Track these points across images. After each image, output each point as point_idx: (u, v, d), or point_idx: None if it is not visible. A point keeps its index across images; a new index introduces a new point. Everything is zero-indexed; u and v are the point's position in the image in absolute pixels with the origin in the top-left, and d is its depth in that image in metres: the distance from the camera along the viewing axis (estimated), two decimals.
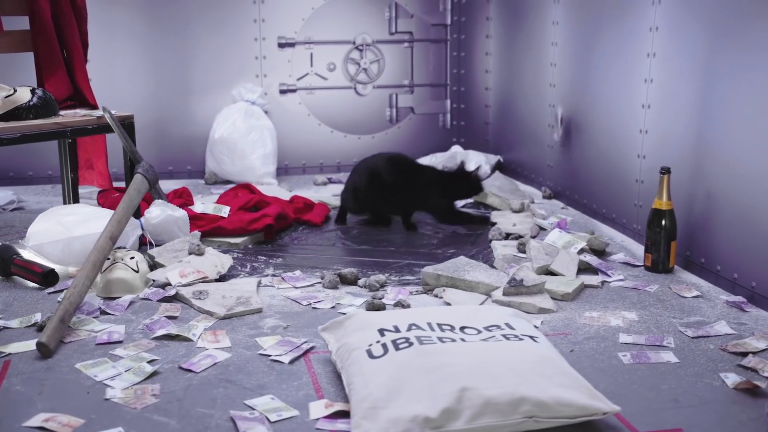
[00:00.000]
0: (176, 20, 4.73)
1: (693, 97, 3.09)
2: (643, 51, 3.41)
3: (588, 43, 3.90)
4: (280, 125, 4.92)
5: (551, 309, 2.73)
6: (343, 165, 5.06)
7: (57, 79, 3.53)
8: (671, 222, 3.10)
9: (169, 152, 4.87)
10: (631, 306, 2.79)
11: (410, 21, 5.02)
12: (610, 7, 3.69)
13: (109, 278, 2.88)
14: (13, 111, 3.23)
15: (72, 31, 3.56)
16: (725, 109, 2.91)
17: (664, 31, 3.27)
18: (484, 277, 2.92)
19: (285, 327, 2.62)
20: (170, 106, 4.82)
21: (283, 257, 3.35)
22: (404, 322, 2.24)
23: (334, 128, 5.05)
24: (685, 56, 3.14)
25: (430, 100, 5.15)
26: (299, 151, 5.02)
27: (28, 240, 3.12)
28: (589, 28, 3.90)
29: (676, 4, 3.19)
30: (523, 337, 2.18)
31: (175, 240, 3.28)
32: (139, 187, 3.26)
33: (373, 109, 5.08)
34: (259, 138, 4.69)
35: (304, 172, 5.04)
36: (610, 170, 3.75)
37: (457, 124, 5.20)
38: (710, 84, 2.98)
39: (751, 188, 2.77)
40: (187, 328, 2.57)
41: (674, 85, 3.22)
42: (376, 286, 2.96)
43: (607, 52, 3.73)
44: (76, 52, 3.59)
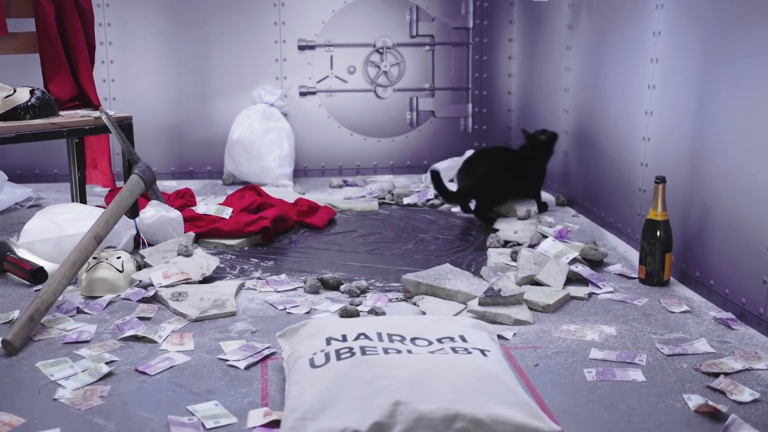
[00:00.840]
0: (197, 23, 4.74)
1: (690, 103, 2.95)
2: (646, 56, 3.29)
3: (597, 48, 3.78)
4: (299, 127, 4.90)
5: (528, 321, 2.63)
6: (362, 168, 5.01)
7: (61, 80, 3.56)
8: (666, 233, 2.97)
9: (190, 153, 4.89)
10: (613, 320, 2.67)
11: (431, 24, 4.95)
12: (618, 10, 3.57)
13: (92, 278, 2.88)
14: (12, 111, 3.26)
15: (76, 33, 3.59)
16: (720, 117, 2.77)
17: (666, 35, 3.14)
18: (465, 286, 2.83)
19: (253, 331, 2.58)
20: (191, 107, 4.84)
21: (276, 260, 3.32)
22: (354, 332, 2.18)
23: (354, 131, 5.01)
24: (683, 62, 3.01)
25: (451, 104, 5.07)
26: (319, 154, 4.99)
27: (22, 237, 3.15)
28: (598, 31, 3.78)
29: (677, 8, 3.06)
30: (472, 350, 2.10)
31: (168, 240, 3.27)
32: (134, 187, 3.26)
33: (393, 112, 5.02)
34: (276, 140, 4.67)
35: (323, 175, 5.00)
36: (615, 178, 3.62)
37: (478, 128, 5.11)
38: (707, 90, 2.84)
39: (744, 200, 2.64)
40: (154, 330, 2.55)
41: (674, 91, 3.09)
42: (356, 292, 2.90)
43: (614, 57, 3.61)
44: (81, 53, 3.62)
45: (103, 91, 4.70)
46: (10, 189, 4.17)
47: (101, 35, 4.65)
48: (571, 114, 4.12)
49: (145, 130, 4.79)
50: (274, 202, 3.85)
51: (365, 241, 3.61)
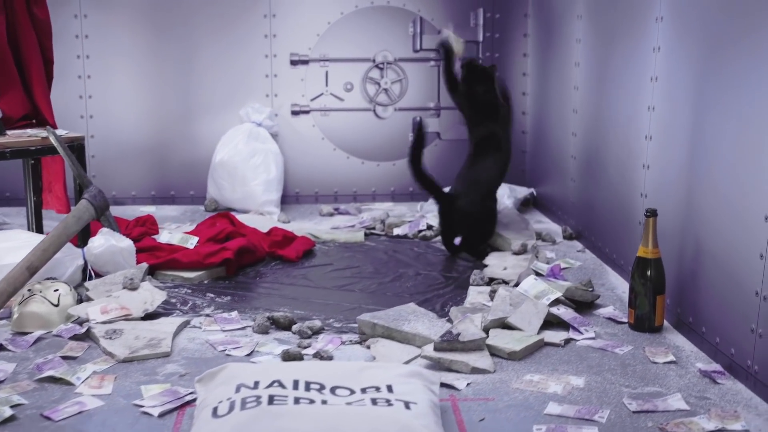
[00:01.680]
0: (182, 36, 4.80)
1: (686, 126, 2.89)
2: (647, 74, 3.23)
3: (602, 64, 3.74)
4: (290, 149, 4.92)
5: (487, 369, 2.58)
6: (359, 194, 5.00)
7: (11, 97, 3.62)
8: (658, 273, 2.89)
9: (172, 176, 4.93)
10: (585, 370, 2.61)
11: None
12: (620, 21, 3.53)
13: (23, 311, 2.90)
14: None
15: (30, 46, 3.65)
16: (713, 141, 2.70)
17: (666, 51, 3.08)
18: (424, 329, 2.79)
19: (182, 375, 2.57)
20: (174, 126, 4.89)
21: (233, 296, 3.31)
22: (269, 378, 2.16)
23: (351, 154, 5.00)
24: (680, 80, 2.95)
25: (459, 125, 5.02)
26: (312, 178, 4.99)
27: None
28: (603, 45, 3.73)
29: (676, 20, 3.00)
30: (395, 402, 2.06)
31: (117, 272, 3.29)
32: (81, 214, 3.29)
33: (394, 133, 5.01)
34: (263, 162, 4.69)
35: (317, 201, 5.00)
36: (617, 209, 3.56)
37: None
38: (701, 111, 2.78)
39: (734, 235, 2.56)
40: (73, 371, 2.55)
41: (671, 113, 3.03)
42: (307, 333, 2.88)
43: (617, 74, 3.56)
44: (35, 68, 3.67)
45: (79, 108, 4.78)
46: None
47: (78, 48, 4.73)
48: (579, 137, 4.07)
49: (124, 151, 4.86)
50: (246, 232, 3.86)
51: (339, 275, 3.59)
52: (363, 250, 3.98)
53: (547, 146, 4.65)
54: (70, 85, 4.75)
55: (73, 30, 4.72)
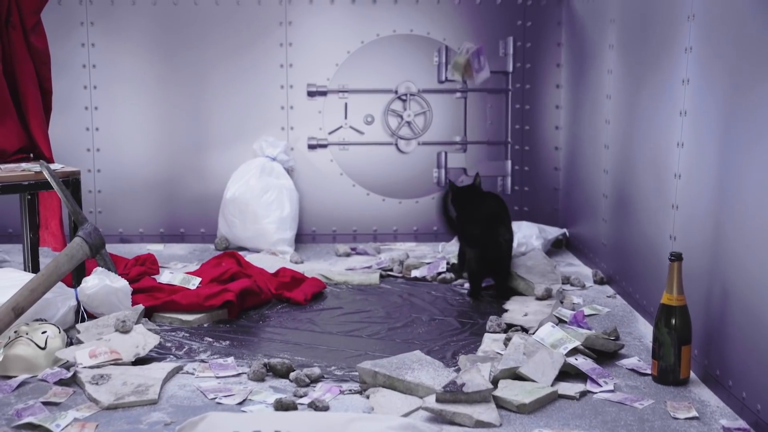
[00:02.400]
0: (192, 64, 4.88)
1: (714, 163, 2.88)
2: (675, 108, 3.23)
3: (632, 96, 3.74)
4: (307, 185, 4.96)
5: (492, 423, 2.57)
6: (380, 233, 5.03)
7: (6, 129, 3.70)
8: (683, 321, 2.87)
9: (181, 213, 4.99)
10: (599, 425, 2.59)
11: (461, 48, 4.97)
12: (648, 52, 3.53)
13: (7, 354, 2.96)
14: None
15: (27, 76, 3.73)
16: (742, 179, 2.69)
17: (695, 83, 3.08)
18: (428, 379, 2.79)
19: (167, 424, 2.59)
20: (184, 160, 4.96)
21: (233, 340, 3.34)
22: (248, 429, 2.18)
23: (371, 190, 5.04)
24: (709, 115, 2.94)
25: (487, 161, 5.06)
26: (329, 216, 5.03)
27: None
28: (632, 77, 3.74)
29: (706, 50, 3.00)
30: None
31: (111, 314, 3.34)
32: (74, 252, 3.35)
33: (417, 169, 5.03)
34: (276, 199, 4.73)
35: (334, 240, 5.03)
36: (647, 253, 3.54)
37: (519, 190, 5.07)
38: (730, 148, 2.77)
39: (759, 290, 2.54)
40: (53, 418, 2.59)
41: (699, 150, 3.02)
42: (305, 381, 2.89)
43: (646, 108, 3.56)
44: (31, 99, 3.76)
45: (85, 140, 4.87)
46: None
47: (85, 78, 4.83)
48: (610, 174, 4.06)
49: (131, 186, 4.93)
50: (252, 272, 3.89)
51: (347, 320, 3.61)
52: (377, 293, 3.99)
53: (579, 183, 4.64)
54: (77, 116, 4.86)
55: (80, 59, 4.83)
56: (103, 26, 4.83)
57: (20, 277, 3.39)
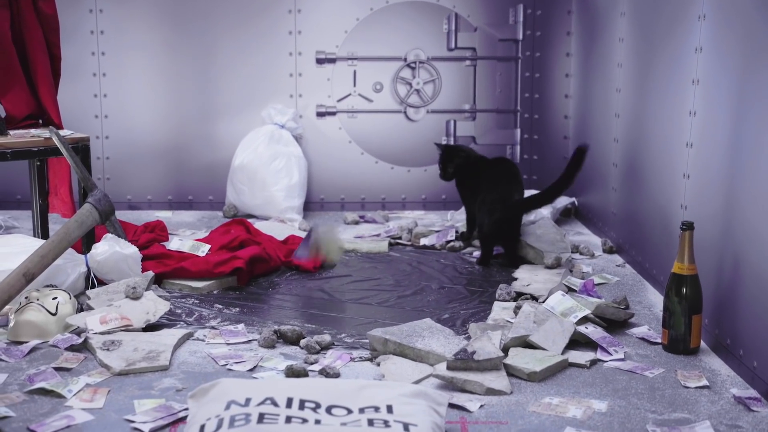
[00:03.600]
0: (200, 31, 4.85)
1: (727, 133, 2.86)
2: (688, 76, 3.21)
3: (644, 65, 3.72)
4: (315, 153, 4.95)
5: (503, 391, 2.57)
6: (388, 201, 5.02)
7: (15, 95, 3.68)
8: (694, 290, 2.87)
9: (190, 180, 4.98)
10: (610, 393, 2.59)
11: (473, 35, 4.94)
12: (661, 19, 3.50)
13: (18, 320, 2.96)
14: None
15: (36, 43, 3.71)
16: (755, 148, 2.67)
17: (708, 51, 3.06)
18: (439, 346, 2.79)
19: (179, 389, 2.60)
20: (192, 127, 4.95)
21: (243, 307, 3.34)
22: (262, 395, 2.18)
23: (380, 158, 5.03)
24: (723, 84, 2.92)
25: (496, 129, 5.04)
26: (338, 184, 5.02)
27: None
28: (644, 45, 3.71)
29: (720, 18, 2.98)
30: (393, 424, 2.07)
31: (121, 281, 3.34)
32: (84, 219, 3.34)
33: (426, 137, 5.01)
34: (284, 167, 4.72)
35: (343, 209, 5.02)
36: (657, 222, 3.53)
37: (528, 158, 5.05)
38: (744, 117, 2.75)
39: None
40: (65, 383, 2.60)
41: (713, 119, 3.00)
42: (315, 348, 2.89)
43: (659, 76, 3.54)
44: (41, 65, 3.73)
45: (93, 107, 4.86)
46: None
47: (93, 44, 4.81)
48: (621, 143, 4.05)
49: (140, 153, 4.92)
50: (261, 240, 3.89)
51: (357, 287, 3.61)
52: (386, 261, 3.99)
53: (589, 153, 4.61)
54: (85, 83, 4.84)
55: (87, 26, 4.80)
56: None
57: (30, 243, 3.39)
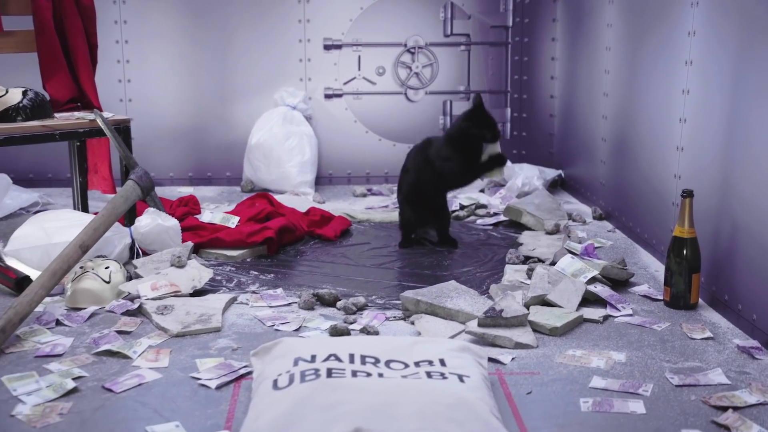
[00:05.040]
0: (217, 20, 4.81)
1: (723, 109, 2.88)
2: (681, 58, 3.22)
3: (634, 48, 3.72)
4: (324, 132, 4.93)
5: (530, 345, 2.59)
6: (390, 176, 5.01)
7: (58, 80, 3.64)
8: (693, 252, 2.90)
9: (208, 158, 4.95)
10: (626, 345, 2.62)
11: (467, 22, 4.93)
12: (653, 5, 3.51)
13: (76, 288, 2.94)
14: (3, 112, 3.35)
15: (76, 31, 3.66)
16: (752, 124, 2.69)
17: (701, 35, 3.07)
18: (467, 306, 2.81)
19: (234, 349, 2.59)
20: (210, 109, 4.91)
21: (277, 273, 3.33)
22: (325, 352, 2.18)
23: (383, 136, 5.01)
24: (717, 65, 2.94)
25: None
26: (344, 160, 5.01)
27: (9, 244, 3.22)
28: (635, 30, 3.72)
29: (712, 5, 2.99)
30: (449, 375, 2.08)
31: (164, 251, 3.32)
32: (128, 194, 3.31)
33: (425, 116, 5.01)
34: (297, 145, 4.70)
35: (349, 183, 5.01)
36: (650, 191, 3.56)
37: (518, 135, 5.06)
38: (740, 95, 2.77)
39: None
40: (130, 345, 2.58)
41: (707, 97, 3.02)
42: (352, 309, 2.90)
43: (650, 58, 3.54)
44: (81, 52, 3.69)
45: (117, 92, 4.80)
46: (16, 193, 4.28)
47: (116, 33, 4.74)
48: (610, 120, 4.06)
49: (161, 134, 4.87)
50: (285, 212, 3.88)
51: (377, 254, 3.61)
52: (398, 229, 3.98)
53: (575, 129, 4.64)
54: (110, 69, 4.77)
55: (112, 15, 4.73)
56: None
57: (77, 217, 3.36)
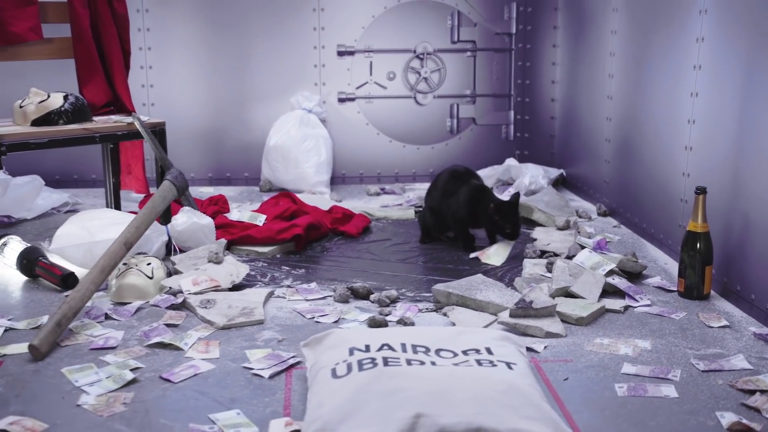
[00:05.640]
0: (236, 28, 4.80)
1: (734, 111, 2.91)
2: (689, 62, 3.25)
3: (640, 54, 3.75)
4: (338, 134, 4.93)
5: (560, 333, 2.61)
6: (401, 175, 5.03)
7: (95, 85, 3.63)
8: (706, 245, 2.92)
9: (227, 159, 4.94)
10: (649, 334, 2.64)
11: (473, 30, 4.94)
12: (661, 14, 3.53)
13: (121, 283, 2.93)
14: (46, 116, 3.34)
15: (111, 38, 3.65)
16: (763, 126, 2.72)
17: (710, 41, 3.10)
18: (496, 297, 2.82)
19: (280, 340, 2.60)
20: (229, 113, 4.90)
21: (307, 268, 3.34)
22: (378, 342, 2.19)
23: (393, 138, 5.02)
24: (727, 69, 2.96)
25: (493, 111, 5.06)
26: (357, 161, 5.01)
27: (53, 243, 3.21)
28: (641, 37, 3.74)
29: (720, 13, 3.02)
30: (497, 363, 2.09)
31: (200, 247, 3.31)
32: (165, 194, 3.30)
33: (433, 119, 5.02)
34: (314, 146, 4.70)
35: (362, 182, 5.02)
36: (657, 188, 3.58)
37: (520, 136, 5.08)
38: (750, 98, 2.80)
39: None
40: (180, 337, 2.58)
41: (717, 99, 3.05)
42: (386, 301, 2.91)
43: (657, 63, 3.57)
44: (116, 59, 3.68)
45: (141, 96, 4.78)
46: (47, 194, 4.26)
47: (140, 40, 4.73)
48: (614, 122, 4.08)
49: (182, 136, 4.86)
50: (308, 210, 3.88)
51: (399, 249, 3.61)
52: (415, 225, 3.99)
53: (577, 131, 4.66)
54: (133, 74, 4.72)
55: (136, 23, 4.70)
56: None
57: (116, 215, 3.36)
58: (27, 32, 3.37)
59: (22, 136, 3.19)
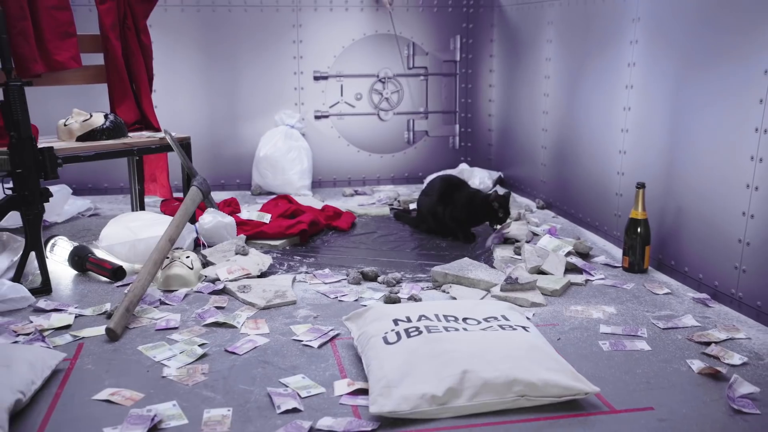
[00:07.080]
0: (227, 57, 4.75)
1: (664, 121, 3.05)
2: (621, 83, 3.38)
3: (575, 77, 3.87)
4: (314, 146, 4.93)
5: (542, 303, 2.70)
6: (367, 179, 5.06)
7: (126, 106, 3.55)
8: (646, 229, 3.06)
9: (222, 168, 4.88)
10: (611, 301, 2.75)
11: (425, 57, 5.01)
12: (594, 44, 3.66)
13: (168, 274, 2.89)
14: (89, 133, 3.26)
15: (139, 66, 3.58)
16: (691, 133, 2.87)
17: (641, 65, 3.23)
18: (485, 276, 2.89)
19: (315, 317, 2.61)
20: (222, 128, 4.84)
21: (315, 257, 3.34)
22: (415, 314, 2.23)
23: (360, 148, 5.05)
24: (656, 87, 3.10)
25: (442, 125, 5.14)
26: (331, 168, 5.02)
27: (101, 241, 3.14)
28: (575, 63, 3.87)
29: (650, 43, 3.16)
30: (516, 327, 2.16)
31: (224, 242, 3.29)
32: (195, 197, 3.27)
33: (393, 132, 5.07)
34: (297, 156, 4.69)
35: (335, 185, 5.03)
36: (593, 185, 3.71)
37: (464, 145, 5.18)
38: (679, 111, 2.94)
39: (716, 202, 2.74)
40: (232, 317, 2.57)
41: (648, 112, 3.19)
42: (393, 282, 2.94)
43: (591, 84, 3.70)
44: (143, 83, 3.61)
45: None
46: (71, 200, 4.14)
47: None
48: (550, 132, 4.21)
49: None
50: (305, 209, 3.88)
51: (386, 240, 3.65)
52: (393, 221, 4.04)
53: (513, 140, 4.78)
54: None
55: None
56: (159, 27, 4.62)
57: (154, 216, 3.30)
58: (69, 60, 3.28)
59: (74, 150, 3.11)
